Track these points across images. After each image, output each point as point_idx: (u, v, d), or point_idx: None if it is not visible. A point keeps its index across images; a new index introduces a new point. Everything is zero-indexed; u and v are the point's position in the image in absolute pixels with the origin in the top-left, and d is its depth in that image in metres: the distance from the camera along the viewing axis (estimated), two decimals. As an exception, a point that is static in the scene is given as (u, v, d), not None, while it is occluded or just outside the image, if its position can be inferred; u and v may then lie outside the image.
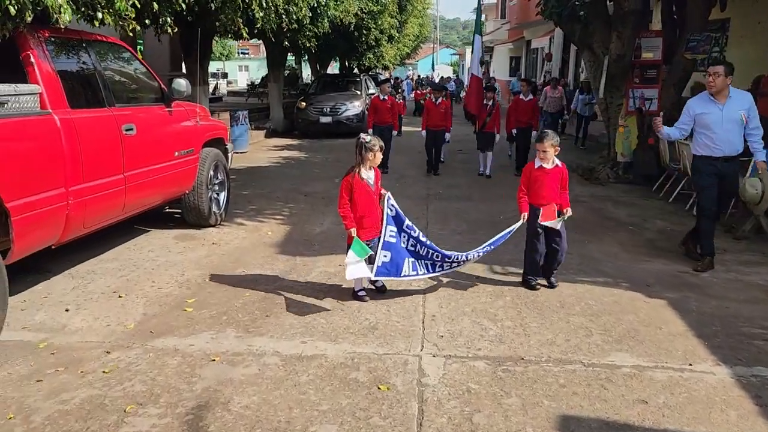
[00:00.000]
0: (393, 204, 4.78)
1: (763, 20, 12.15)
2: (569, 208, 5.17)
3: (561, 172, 5.15)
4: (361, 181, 4.72)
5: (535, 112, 11.04)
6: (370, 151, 4.72)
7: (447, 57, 62.50)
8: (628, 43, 9.62)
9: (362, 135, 4.83)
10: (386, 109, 10.99)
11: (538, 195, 5.14)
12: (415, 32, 25.36)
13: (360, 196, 4.71)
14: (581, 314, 4.78)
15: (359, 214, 4.74)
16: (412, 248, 4.88)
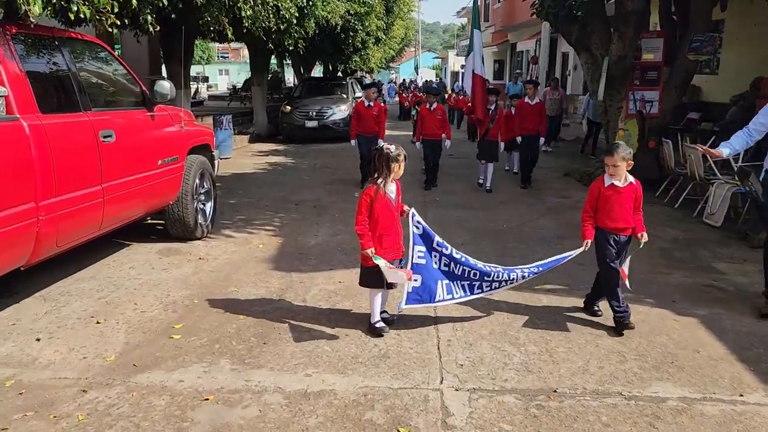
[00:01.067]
0: (419, 221, 4.26)
1: (759, 22, 11.95)
2: (645, 233, 4.46)
3: (635, 191, 4.42)
4: (384, 196, 4.18)
5: (542, 117, 9.93)
6: (395, 162, 4.19)
7: (429, 60, 62.26)
8: (629, 43, 9.29)
9: (384, 145, 4.26)
10: (372, 117, 9.66)
11: (609, 217, 4.42)
12: (400, 35, 24.97)
13: (381, 212, 4.15)
14: (610, 336, 4.37)
15: (379, 233, 4.18)
16: (446, 268, 4.35)
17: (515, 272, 4.44)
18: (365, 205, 4.14)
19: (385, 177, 4.18)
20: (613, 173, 4.37)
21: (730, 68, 12.98)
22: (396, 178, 4.27)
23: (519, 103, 10.02)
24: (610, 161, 4.37)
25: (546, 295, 5.20)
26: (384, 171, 4.18)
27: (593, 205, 4.48)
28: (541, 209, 8.49)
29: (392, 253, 4.23)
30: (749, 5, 11.75)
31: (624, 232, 4.45)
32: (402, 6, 22.47)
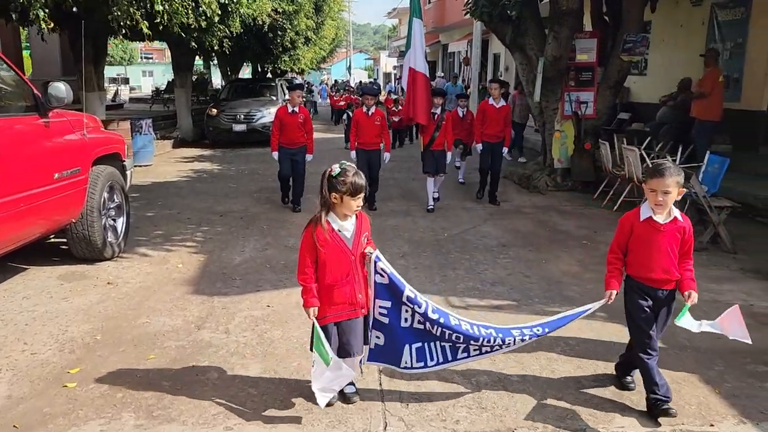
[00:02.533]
0: (384, 267, 3.19)
1: (684, 23, 12.15)
2: (694, 292, 3.28)
3: (682, 230, 3.28)
4: (332, 234, 3.10)
5: (507, 122, 8.62)
6: (342, 187, 3.02)
7: (361, 62, 61.87)
8: (564, 44, 9.13)
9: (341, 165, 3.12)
10: (296, 125, 8.06)
11: (644, 264, 3.31)
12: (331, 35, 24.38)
13: (330, 256, 3.10)
14: (565, 360, 4.02)
15: (327, 283, 3.14)
16: (420, 326, 3.28)
17: (512, 335, 3.34)
18: (306, 248, 3.13)
19: (324, 208, 3.12)
20: (661, 203, 3.18)
21: (657, 69, 13.18)
22: (349, 211, 3.13)
23: (482, 106, 8.77)
24: (658, 185, 3.16)
25: (494, 312, 4.81)
26: (323, 199, 3.10)
27: (623, 246, 3.40)
28: (483, 215, 8.18)
29: (347, 310, 3.20)
30: (675, 7, 11.94)
31: (664, 286, 3.32)
32: (332, 5, 21.91)
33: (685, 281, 3.32)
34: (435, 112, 8.33)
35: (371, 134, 8.16)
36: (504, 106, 8.65)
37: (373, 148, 8.24)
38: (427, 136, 8.37)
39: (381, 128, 8.24)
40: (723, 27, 11.08)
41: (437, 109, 8.35)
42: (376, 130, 8.18)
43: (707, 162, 7.46)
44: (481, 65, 21.31)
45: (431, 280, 5.54)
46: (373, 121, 8.16)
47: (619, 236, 3.43)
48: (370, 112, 8.17)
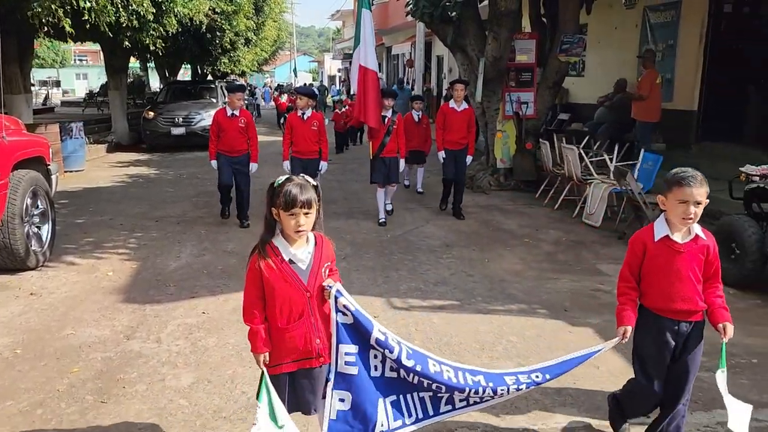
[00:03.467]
0: (347, 305, 2.50)
1: (618, 25, 12.49)
2: (729, 324, 2.75)
3: (706, 251, 2.76)
4: (281, 265, 2.45)
5: (471, 127, 7.75)
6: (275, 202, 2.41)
7: (305, 64, 61.42)
8: (504, 45, 9.21)
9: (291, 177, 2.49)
10: (237, 130, 7.20)
11: (663, 292, 2.77)
12: (272, 36, 24.01)
13: (279, 292, 2.45)
14: (506, 357, 3.99)
15: (278, 325, 2.49)
16: (392, 375, 2.62)
17: (504, 383, 2.71)
18: (250, 283, 2.49)
19: (272, 231, 2.49)
20: (692, 216, 2.63)
21: (594, 70, 13.51)
22: (290, 232, 2.43)
23: (442, 109, 7.92)
24: (690, 195, 2.61)
25: (436, 312, 4.76)
26: (269, 219, 2.48)
27: (635, 271, 2.84)
28: (426, 215, 8.15)
29: (302, 357, 2.52)
30: (609, 9, 12.25)
31: (687, 317, 2.78)
32: (273, 6, 21.59)
33: (716, 311, 2.77)
34: (385, 116, 7.47)
35: (308, 141, 7.29)
36: (467, 109, 7.78)
37: (310, 156, 7.34)
38: (376, 142, 7.46)
39: (319, 134, 7.35)
40: (655, 29, 11.44)
41: (388, 111, 7.51)
42: (313, 136, 7.29)
43: (642, 159, 7.66)
44: (425, 67, 21.44)
45: (374, 282, 5.46)
46: (309, 126, 7.27)
47: (630, 260, 2.86)
48: (305, 116, 7.27)
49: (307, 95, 7.58)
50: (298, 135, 7.31)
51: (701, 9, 10.21)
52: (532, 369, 2.85)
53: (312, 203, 2.40)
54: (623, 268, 2.90)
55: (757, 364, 3.92)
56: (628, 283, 2.87)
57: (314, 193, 2.42)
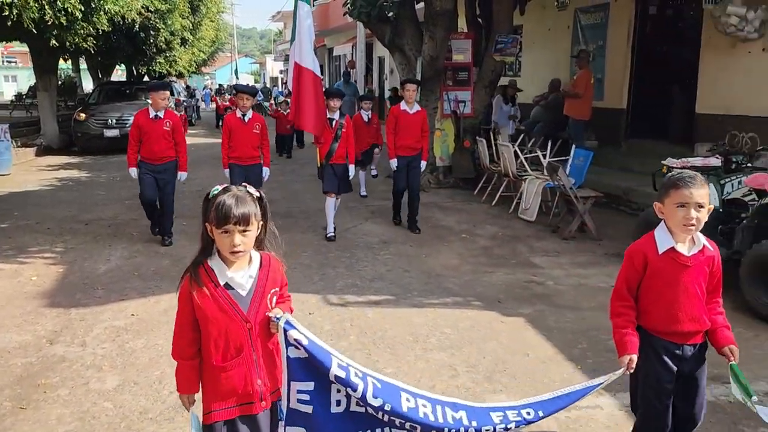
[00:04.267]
0: (299, 337, 2.11)
1: (552, 26, 12.83)
2: (735, 347, 2.45)
3: (711, 262, 2.45)
4: (216, 291, 2.08)
5: (425, 131, 7.09)
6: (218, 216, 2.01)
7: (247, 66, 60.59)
8: (440, 44, 9.33)
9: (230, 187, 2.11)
10: (161, 134, 6.30)
11: (667, 312, 2.43)
12: (210, 36, 23.55)
13: (214, 324, 2.08)
14: (440, 348, 4.04)
15: (213, 363, 2.10)
16: (359, 410, 2.25)
17: (490, 421, 2.34)
18: (180, 311, 2.13)
19: (208, 250, 2.12)
20: (693, 222, 2.32)
21: (530, 70, 13.84)
22: (225, 251, 2.06)
23: (394, 112, 7.12)
24: (689, 197, 2.31)
25: (372, 308, 4.77)
26: (204, 236, 2.11)
27: (634, 287, 2.49)
28: (365, 213, 8.16)
29: (241, 402, 2.13)
30: (542, 11, 12.58)
31: (691, 340, 2.46)
32: (210, 6, 21.19)
33: (719, 331, 2.47)
34: (332, 118, 6.68)
35: (248, 145, 6.55)
36: (419, 111, 7.08)
37: (251, 162, 6.61)
38: (324, 148, 6.70)
39: (261, 138, 6.64)
40: (586, 30, 11.81)
41: (334, 113, 6.71)
42: (254, 140, 6.57)
43: (573, 155, 7.89)
44: (366, 69, 21.48)
45: (310, 279, 5.43)
46: (250, 129, 6.53)
47: (628, 275, 2.49)
48: (246, 118, 6.52)
49: (249, 94, 6.75)
50: (238, 139, 6.52)
51: (628, 11, 10.60)
52: (523, 404, 2.46)
53: (250, 219, 2.02)
54: (619, 284, 2.51)
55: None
56: (625, 301, 2.49)
57: (255, 206, 2.05)
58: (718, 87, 8.73)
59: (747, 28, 7.92)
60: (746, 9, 7.83)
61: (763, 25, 7.81)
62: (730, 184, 5.39)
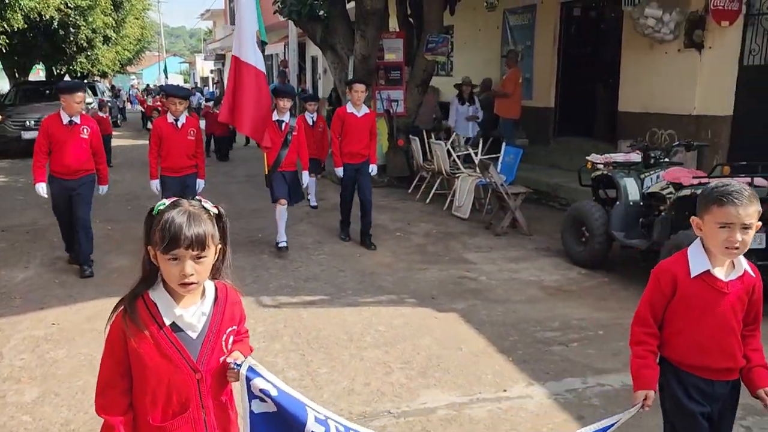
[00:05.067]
0: (266, 387, 1.69)
1: (482, 27, 13.09)
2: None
3: (751, 289, 2.11)
4: (159, 333, 1.66)
5: (373, 135, 6.51)
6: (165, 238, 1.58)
7: (176, 65, 58.90)
8: (372, 43, 9.36)
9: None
10: (77, 144, 5.35)
11: (699, 345, 2.10)
12: (136, 34, 22.72)
13: (153, 372, 1.67)
14: (374, 346, 4.04)
15: (149, 421, 1.70)
16: None
17: None
18: (107, 356, 1.72)
19: (150, 279, 1.70)
20: (737, 245, 1.98)
21: (461, 70, 14.04)
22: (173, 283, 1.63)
23: (339, 114, 6.42)
24: (735, 216, 1.96)
25: (306, 308, 4.73)
26: (147, 262, 1.69)
27: (659, 313, 2.15)
28: (299, 214, 8.05)
29: None
30: (473, 11, 12.80)
31: (725, 377, 2.13)
32: (134, 2, 20.43)
33: (755, 370, 2.10)
34: (281, 120, 6.08)
35: (183, 154, 5.84)
36: (368, 114, 6.48)
37: (186, 172, 5.92)
38: (272, 154, 6.06)
39: (196, 145, 5.97)
40: (515, 31, 12.09)
41: (284, 115, 6.10)
42: (189, 147, 5.87)
43: (504, 153, 8.06)
44: (299, 68, 21.30)
45: (242, 281, 5.30)
46: (184, 136, 5.82)
47: (653, 298, 2.14)
48: (179, 123, 5.78)
49: (181, 97, 5.92)
50: (171, 147, 5.78)
51: (554, 12, 10.93)
52: None
53: (206, 241, 1.58)
54: (642, 307, 2.15)
55: (603, 335, 4.23)
56: (647, 328, 2.13)
57: (212, 226, 1.62)
58: (638, 86, 9.11)
59: (663, 30, 8.30)
60: (662, 11, 8.20)
61: (678, 26, 8.20)
62: (650, 179, 5.63)
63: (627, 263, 5.78)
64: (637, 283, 5.28)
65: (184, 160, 5.88)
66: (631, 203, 5.55)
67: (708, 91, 8.11)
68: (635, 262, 5.71)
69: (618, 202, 5.61)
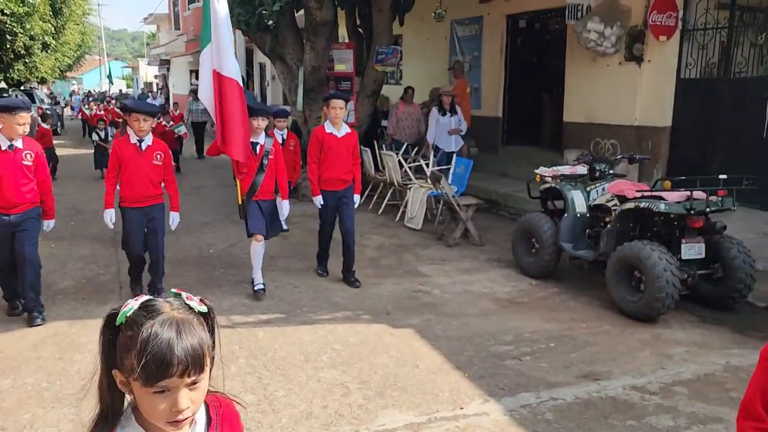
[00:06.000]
0: None
1: (430, 37, 13.24)
2: None
3: None
4: None
5: (356, 158, 5.80)
6: (124, 363, 1.16)
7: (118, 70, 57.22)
8: (322, 54, 9.34)
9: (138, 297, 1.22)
10: (18, 173, 4.55)
11: None
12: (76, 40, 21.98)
13: None
14: (331, 366, 4.03)
15: None
16: None
17: None
18: None
19: (112, 415, 1.21)
20: None
21: (411, 79, 14.16)
22: (181, 418, 1.16)
23: (317, 135, 5.60)
24: None
25: (261, 327, 4.68)
26: (108, 391, 1.21)
27: None
28: (250, 227, 7.98)
29: None
30: (421, 22, 12.93)
31: None
32: (74, 8, 19.79)
33: None
34: (256, 142, 5.28)
35: (147, 181, 4.96)
36: (350, 134, 5.67)
37: (151, 203, 5.04)
38: (246, 181, 5.28)
39: (164, 171, 5.09)
40: (462, 41, 12.29)
41: (258, 137, 5.30)
42: (155, 174, 5.01)
43: (455, 164, 8.18)
44: (247, 75, 21.05)
45: (195, 301, 5.21)
46: (149, 160, 4.95)
47: (763, 381, 1.51)
48: (143, 145, 4.91)
49: (148, 114, 4.99)
50: (133, 173, 4.90)
51: (500, 24, 11.17)
52: None
53: (204, 360, 1.18)
54: (750, 396, 1.54)
55: (554, 348, 4.34)
56: (759, 422, 1.51)
57: (204, 331, 1.20)
58: (582, 97, 9.40)
59: (605, 44, 8.59)
60: (604, 25, 8.49)
61: (619, 40, 8.50)
62: (595, 191, 5.82)
63: (576, 273, 5.96)
64: (586, 292, 5.46)
65: (148, 189, 4.98)
66: (578, 215, 5.72)
67: (648, 103, 8.44)
68: (584, 272, 5.89)
69: (566, 214, 5.77)
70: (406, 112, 10.09)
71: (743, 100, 7.56)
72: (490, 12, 11.31)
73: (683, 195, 4.84)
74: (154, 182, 5.03)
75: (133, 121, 4.92)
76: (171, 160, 5.25)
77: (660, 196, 4.92)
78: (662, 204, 4.81)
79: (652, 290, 4.60)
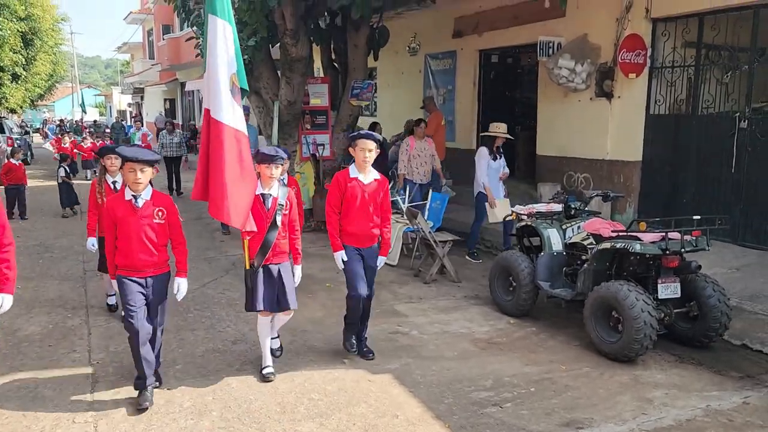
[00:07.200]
0: None
1: (405, 71, 13.37)
2: None
3: None
4: None
5: (386, 212, 4.90)
6: None
7: (91, 98, 56.71)
8: (297, 89, 9.34)
9: None
10: None
11: None
12: (47, 71, 21.70)
13: None
14: (308, 417, 3.92)
15: None
16: None
17: None
18: None
19: None
20: None
21: (385, 111, 14.27)
22: None
23: (339, 180, 4.74)
24: None
25: (235, 376, 4.54)
26: None
27: None
28: (225, 265, 7.86)
29: None
30: (395, 55, 13.07)
31: None
32: (46, 39, 19.58)
33: None
34: (267, 194, 4.35)
35: (144, 245, 3.99)
36: (379, 180, 4.78)
37: (151, 273, 4.07)
38: (255, 240, 4.32)
39: (169, 231, 4.12)
40: (436, 75, 12.43)
41: (270, 187, 4.37)
42: (158, 235, 4.06)
43: (431, 199, 8.18)
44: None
45: (167, 346, 5.05)
46: (148, 218, 4.00)
47: None
48: (140, 201, 3.99)
49: (145, 163, 3.95)
50: (130, 236, 3.98)
51: (473, 58, 11.33)
52: None
53: None
54: None
55: (534, 393, 4.29)
56: None
57: None
58: (554, 132, 9.53)
59: (576, 80, 8.75)
60: (575, 62, 8.66)
61: (589, 77, 8.67)
62: (571, 229, 5.85)
63: (553, 311, 5.95)
64: (564, 331, 5.45)
65: (147, 253, 4.00)
66: (554, 253, 5.74)
67: (619, 138, 8.58)
68: (561, 310, 5.89)
69: (542, 252, 5.78)
70: (418, 149, 8.93)
71: (711, 135, 7.72)
72: (463, 47, 11.47)
73: (658, 236, 4.88)
74: (156, 245, 4.05)
75: (127, 171, 3.95)
76: (177, 218, 4.19)
77: (635, 236, 4.95)
78: (638, 244, 4.84)
79: (630, 331, 4.60)
